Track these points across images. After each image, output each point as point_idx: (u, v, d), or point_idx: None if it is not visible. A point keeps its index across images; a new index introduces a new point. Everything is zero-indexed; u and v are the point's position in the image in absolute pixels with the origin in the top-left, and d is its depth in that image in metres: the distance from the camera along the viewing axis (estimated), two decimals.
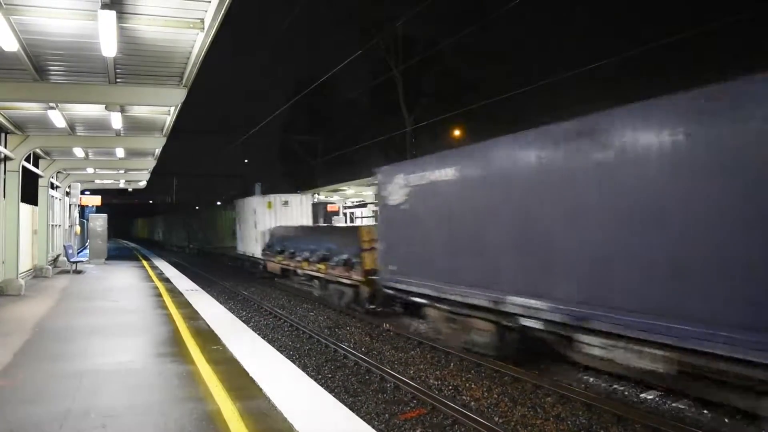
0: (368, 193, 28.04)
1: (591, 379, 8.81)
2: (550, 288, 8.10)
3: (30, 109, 12.66)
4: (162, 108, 12.96)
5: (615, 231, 7.18)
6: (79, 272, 19.96)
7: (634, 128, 6.95)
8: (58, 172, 22.53)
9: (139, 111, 13.33)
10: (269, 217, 23.68)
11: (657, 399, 7.84)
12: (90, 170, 24.04)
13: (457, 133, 32.39)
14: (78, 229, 32.21)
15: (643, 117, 6.89)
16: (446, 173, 10.52)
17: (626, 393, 8.16)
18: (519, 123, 8.82)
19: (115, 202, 65.56)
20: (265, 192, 27.20)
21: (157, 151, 19.44)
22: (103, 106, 12.21)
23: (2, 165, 14.11)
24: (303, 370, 8.19)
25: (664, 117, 6.62)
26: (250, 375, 6.49)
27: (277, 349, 8.42)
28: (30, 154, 16.10)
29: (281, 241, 20.89)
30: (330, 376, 9.63)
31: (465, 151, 10.65)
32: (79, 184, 28.10)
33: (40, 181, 18.97)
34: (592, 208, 7.53)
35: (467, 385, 8.87)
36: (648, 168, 6.75)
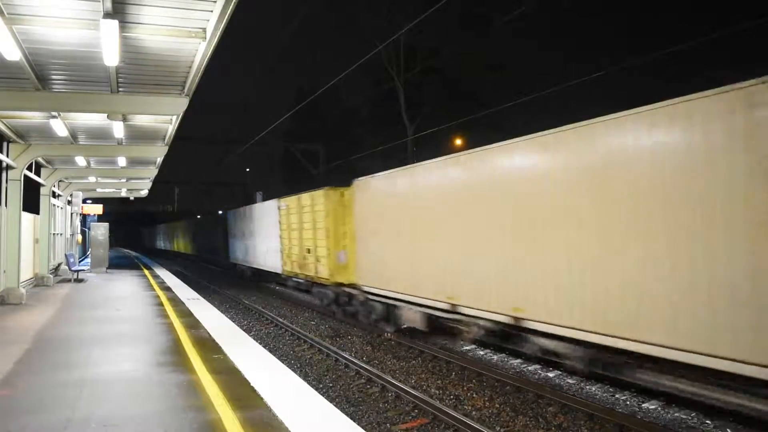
0: None
1: (593, 389, 8.79)
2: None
3: (32, 117, 12.69)
4: (164, 117, 12.99)
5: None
6: (80, 281, 19.96)
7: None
8: (60, 181, 22.56)
9: (141, 120, 13.36)
10: None
11: (659, 408, 7.81)
12: (92, 179, 24.09)
13: (458, 142, 32.43)
14: (79, 237, 32.25)
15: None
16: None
17: (628, 402, 8.13)
18: (521, 132, 8.83)
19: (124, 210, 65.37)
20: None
21: (159, 160, 19.47)
22: (105, 115, 12.23)
23: (4, 174, 14.13)
24: (304, 379, 8.18)
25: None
26: (252, 384, 6.47)
27: (279, 359, 8.39)
28: (32, 163, 16.13)
29: None
30: (331, 385, 9.60)
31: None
32: (80, 193, 28.16)
33: (42, 190, 19.00)
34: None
35: (469, 394, 8.84)
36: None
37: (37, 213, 18.71)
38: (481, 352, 11.41)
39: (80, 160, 18.63)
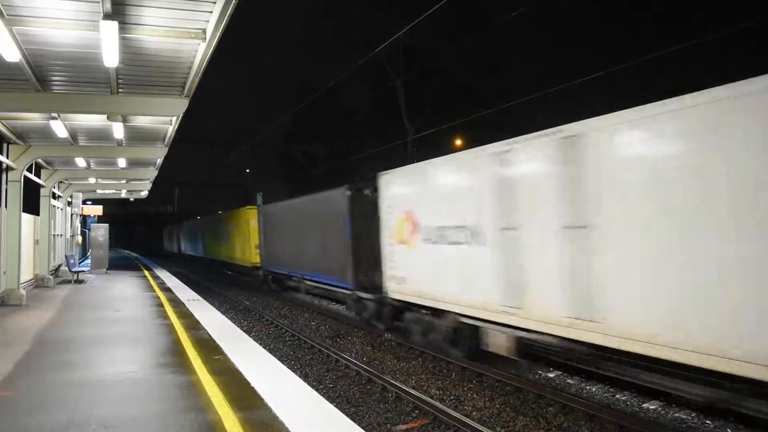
0: None
1: (593, 389, 8.78)
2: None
3: (32, 119, 12.69)
4: (164, 118, 12.99)
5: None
6: (80, 282, 19.96)
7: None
8: (60, 182, 22.55)
9: (141, 121, 13.36)
10: None
11: (659, 409, 7.80)
12: (92, 180, 24.08)
13: (458, 142, 32.46)
14: (79, 239, 32.25)
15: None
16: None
17: (628, 402, 8.12)
18: (521, 131, 8.79)
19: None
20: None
21: (159, 161, 19.47)
22: (105, 116, 12.23)
23: (4, 175, 14.14)
24: (304, 380, 8.16)
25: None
26: (252, 385, 6.47)
27: (279, 359, 8.39)
28: (32, 164, 16.13)
29: None
30: (331, 386, 9.60)
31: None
32: (80, 194, 28.15)
33: (42, 191, 19.00)
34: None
35: (469, 395, 8.84)
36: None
37: (37, 214, 18.71)
38: None
39: (80, 161, 18.63)
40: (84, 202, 31.70)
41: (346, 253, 14.66)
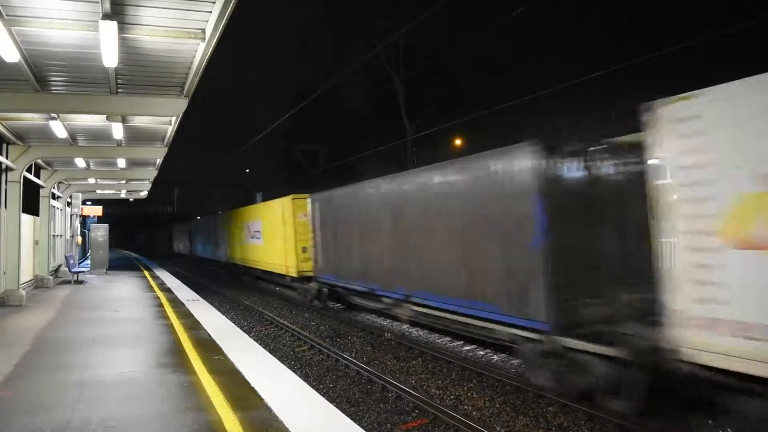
0: None
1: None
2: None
3: (31, 119, 12.68)
4: (163, 118, 12.98)
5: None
6: (80, 282, 19.95)
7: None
8: (60, 183, 22.54)
9: (141, 121, 13.35)
10: None
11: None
12: (91, 180, 24.06)
13: (458, 142, 32.45)
14: (79, 239, 32.25)
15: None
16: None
17: None
18: (521, 132, 8.79)
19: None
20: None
21: (159, 161, 19.45)
22: (105, 116, 12.23)
23: (3, 176, 14.13)
24: (304, 379, 8.17)
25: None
26: (252, 385, 6.47)
27: (279, 359, 8.40)
28: (31, 165, 16.12)
29: None
30: (332, 385, 9.60)
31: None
32: (80, 194, 28.14)
33: (42, 192, 18.98)
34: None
35: (469, 394, 8.83)
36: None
37: (37, 215, 18.69)
38: (482, 352, 11.40)
39: (80, 162, 18.63)
40: (84, 203, 31.69)
41: (529, 265, 8.53)
